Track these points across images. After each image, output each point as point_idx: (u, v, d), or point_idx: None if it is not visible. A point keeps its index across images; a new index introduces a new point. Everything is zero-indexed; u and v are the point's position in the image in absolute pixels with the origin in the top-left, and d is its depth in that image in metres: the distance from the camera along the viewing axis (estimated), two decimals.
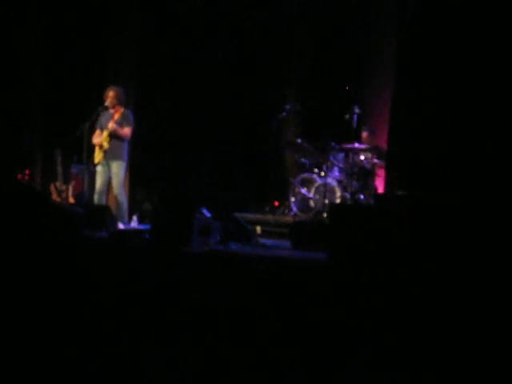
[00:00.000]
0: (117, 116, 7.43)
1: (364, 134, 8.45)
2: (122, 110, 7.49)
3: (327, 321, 3.53)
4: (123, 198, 7.47)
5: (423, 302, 3.66)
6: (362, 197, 8.08)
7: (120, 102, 7.51)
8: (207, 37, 9.53)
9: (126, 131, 7.43)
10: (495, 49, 5.36)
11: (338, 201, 8.00)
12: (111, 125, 7.33)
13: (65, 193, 8.55)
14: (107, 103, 7.45)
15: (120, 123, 7.40)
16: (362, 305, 3.69)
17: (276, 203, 8.96)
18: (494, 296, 3.66)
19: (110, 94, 7.46)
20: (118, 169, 7.41)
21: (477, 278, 3.85)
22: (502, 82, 5.34)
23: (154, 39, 9.46)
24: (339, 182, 8.20)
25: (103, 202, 7.46)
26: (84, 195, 7.98)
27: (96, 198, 7.46)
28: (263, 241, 6.52)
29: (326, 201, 7.87)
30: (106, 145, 7.40)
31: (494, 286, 3.75)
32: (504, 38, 5.38)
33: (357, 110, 8.07)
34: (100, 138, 7.44)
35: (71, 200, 8.54)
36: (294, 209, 8.24)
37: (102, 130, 7.47)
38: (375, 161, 8.25)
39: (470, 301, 3.65)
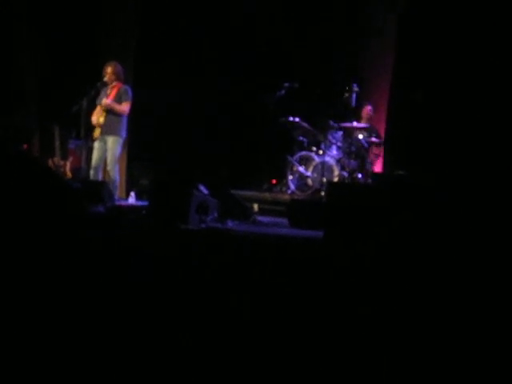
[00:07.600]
0: (114, 92, 7.39)
1: (366, 109, 8.43)
2: (120, 85, 7.44)
3: (323, 299, 3.54)
4: (116, 175, 7.42)
5: (419, 281, 3.67)
6: (359, 175, 8.09)
7: (118, 77, 7.45)
8: (205, 11, 9.46)
9: (124, 107, 7.37)
10: (498, 27, 5.32)
11: (335, 179, 8.01)
12: (104, 100, 7.29)
13: (62, 168, 8.53)
14: (106, 79, 7.41)
15: (118, 99, 7.35)
16: (358, 283, 3.70)
17: (273, 181, 8.96)
18: (492, 273, 3.67)
19: (109, 70, 7.41)
20: (114, 144, 7.37)
21: (474, 257, 3.86)
22: (504, 61, 5.30)
23: (152, 13, 9.39)
24: (337, 160, 8.21)
25: (99, 177, 7.43)
26: (82, 171, 7.97)
27: (92, 173, 7.44)
28: (260, 218, 6.52)
29: (324, 179, 7.88)
30: (102, 120, 7.35)
31: (493, 262, 3.76)
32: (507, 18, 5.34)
33: (356, 89, 8.04)
34: (97, 115, 7.40)
35: (69, 175, 8.52)
36: (292, 187, 8.24)
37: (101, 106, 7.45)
38: (373, 140, 8.25)
39: (468, 281, 3.66)
